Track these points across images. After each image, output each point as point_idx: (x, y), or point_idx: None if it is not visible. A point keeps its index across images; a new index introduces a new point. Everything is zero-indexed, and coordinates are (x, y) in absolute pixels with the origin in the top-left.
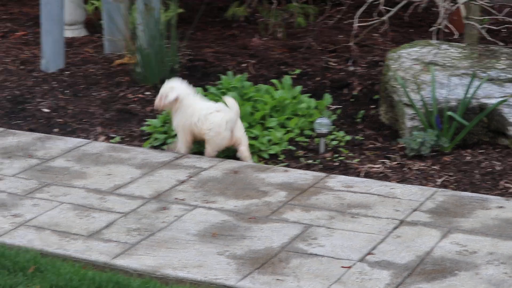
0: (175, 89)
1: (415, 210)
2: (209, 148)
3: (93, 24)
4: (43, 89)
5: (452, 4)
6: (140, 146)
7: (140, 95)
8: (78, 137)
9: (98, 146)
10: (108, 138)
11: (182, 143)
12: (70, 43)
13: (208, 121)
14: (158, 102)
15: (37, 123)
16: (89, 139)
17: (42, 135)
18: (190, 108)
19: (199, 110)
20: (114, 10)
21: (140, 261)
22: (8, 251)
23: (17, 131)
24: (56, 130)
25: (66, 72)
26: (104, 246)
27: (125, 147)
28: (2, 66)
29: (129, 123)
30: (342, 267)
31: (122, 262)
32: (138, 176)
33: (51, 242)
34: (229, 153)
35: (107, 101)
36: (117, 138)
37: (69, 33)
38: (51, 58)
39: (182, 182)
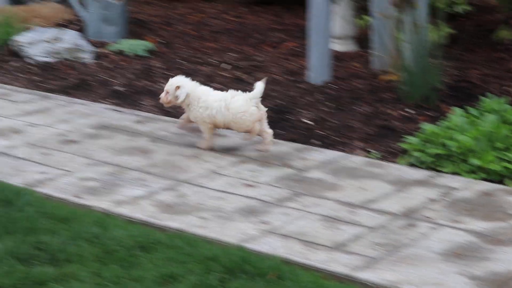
0: (183, 86)
1: None
2: (241, 130)
3: (362, 39)
4: (307, 101)
5: None
6: (395, 162)
7: (401, 112)
8: (337, 150)
9: (355, 160)
10: (366, 153)
11: (206, 133)
12: (338, 56)
13: (232, 108)
14: (164, 97)
15: (298, 133)
16: (347, 152)
17: (301, 145)
18: (202, 100)
19: (213, 102)
20: (383, 26)
21: (380, 275)
22: (252, 257)
23: (277, 140)
24: (315, 142)
25: (331, 85)
26: (347, 258)
27: (381, 162)
28: (269, 76)
29: (388, 139)
30: None
31: (362, 275)
32: (390, 192)
33: (295, 251)
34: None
35: (369, 116)
36: (375, 154)
37: (338, 46)
38: (317, 70)
39: (433, 200)
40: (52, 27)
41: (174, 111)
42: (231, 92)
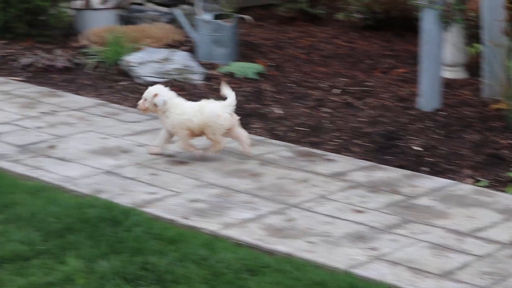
0: (161, 94)
1: None
2: (213, 135)
3: (473, 67)
4: (417, 127)
5: None
6: (504, 191)
7: (511, 141)
8: (445, 177)
9: (464, 188)
10: (475, 181)
11: (182, 140)
12: (448, 84)
13: (205, 112)
14: (142, 104)
15: (407, 160)
16: (455, 180)
17: (410, 172)
18: (178, 108)
19: (189, 108)
20: (494, 54)
21: None
22: (360, 283)
23: (386, 166)
24: (424, 168)
25: (441, 112)
26: (455, 286)
27: (489, 191)
28: (379, 102)
29: (497, 168)
30: None
31: None
32: (498, 221)
33: (403, 278)
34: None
35: (478, 144)
36: (484, 182)
37: (448, 74)
38: (428, 97)
39: None
40: (162, 48)
41: (283, 134)
42: (207, 100)
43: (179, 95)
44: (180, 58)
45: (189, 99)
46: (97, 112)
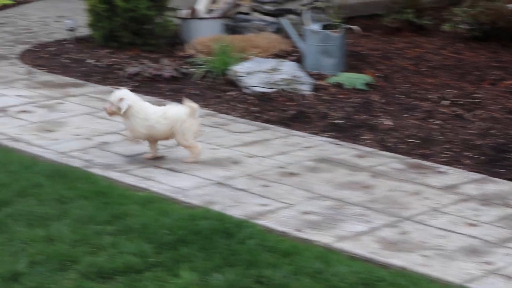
0: (126, 98)
1: None
2: (185, 141)
3: None
4: None
5: None
6: None
7: None
8: None
9: None
10: None
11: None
12: None
13: (169, 117)
14: (108, 108)
15: None
16: None
17: None
18: (142, 113)
19: (152, 114)
20: None
21: None
22: None
23: (497, 179)
24: None
25: None
26: None
27: None
28: (488, 114)
29: None
30: None
31: None
32: None
33: None
34: None
35: None
36: None
37: None
38: None
39: None
40: (269, 58)
41: (393, 145)
42: (170, 104)
43: (288, 105)
44: (288, 68)
45: (298, 110)
46: (206, 122)
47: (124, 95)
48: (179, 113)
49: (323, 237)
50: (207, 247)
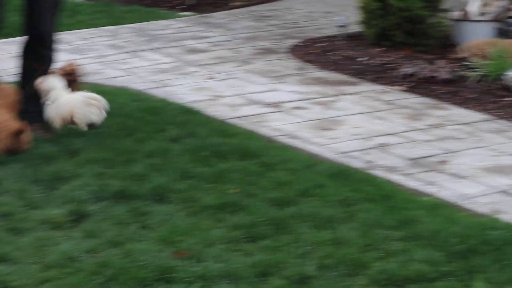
0: (48, 81)
1: None
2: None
3: None
4: None
5: None
6: None
7: None
8: None
9: None
10: None
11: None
12: None
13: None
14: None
15: None
16: None
17: None
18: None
19: (62, 101)
20: None
21: None
22: None
23: None
24: None
25: None
26: None
27: None
28: None
29: None
30: None
31: None
32: None
33: None
34: None
35: None
36: None
37: None
38: None
39: None
40: None
41: None
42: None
43: None
44: None
45: None
46: (485, 127)
47: (45, 80)
48: (72, 101)
49: None
50: (499, 259)
